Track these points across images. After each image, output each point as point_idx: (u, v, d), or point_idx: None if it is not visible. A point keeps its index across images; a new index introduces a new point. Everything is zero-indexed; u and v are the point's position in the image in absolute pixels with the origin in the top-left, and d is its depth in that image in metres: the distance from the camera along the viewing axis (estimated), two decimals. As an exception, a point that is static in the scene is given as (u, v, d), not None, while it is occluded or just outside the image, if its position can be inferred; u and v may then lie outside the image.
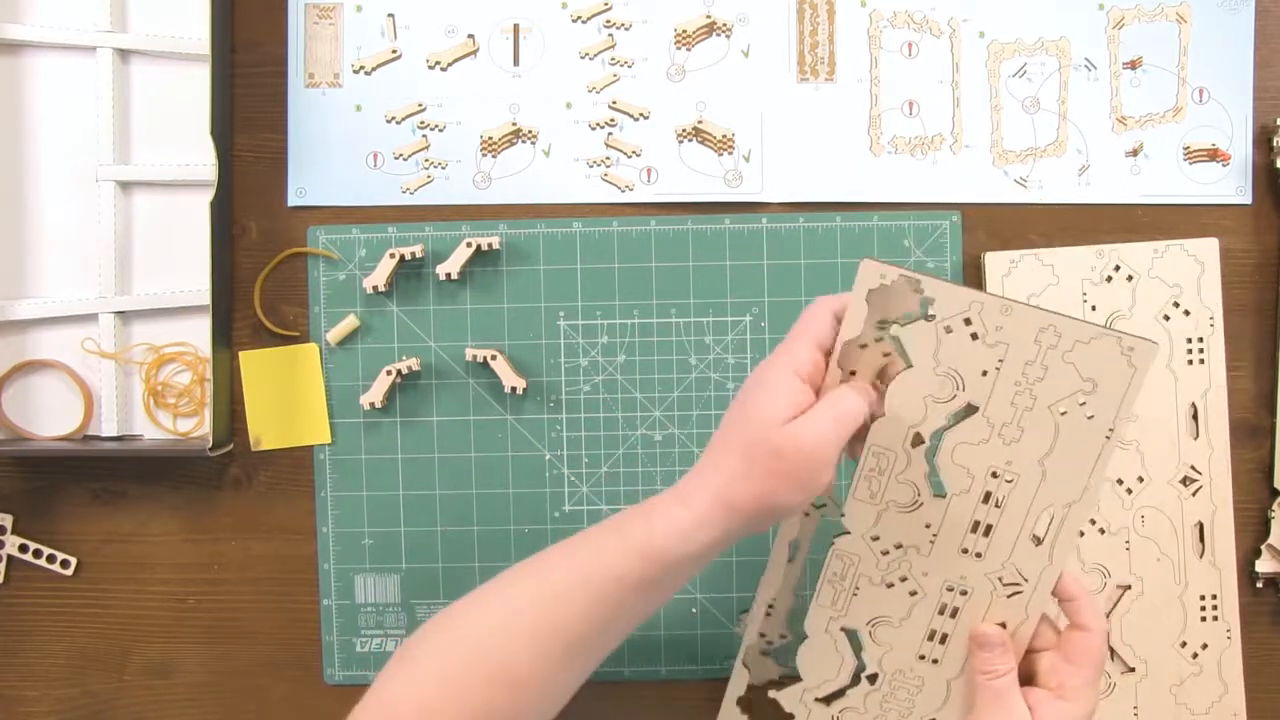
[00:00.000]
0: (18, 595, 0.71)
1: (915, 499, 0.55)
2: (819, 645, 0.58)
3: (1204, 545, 0.68)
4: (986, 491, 0.54)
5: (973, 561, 0.55)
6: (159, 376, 0.70)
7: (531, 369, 0.70)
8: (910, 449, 0.54)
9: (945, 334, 0.52)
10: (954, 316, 0.52)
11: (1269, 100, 0.70)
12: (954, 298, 0.52)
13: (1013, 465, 0.53)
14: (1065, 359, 0.51)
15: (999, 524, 0.54)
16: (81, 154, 0.69)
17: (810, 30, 0.69)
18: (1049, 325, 0.51)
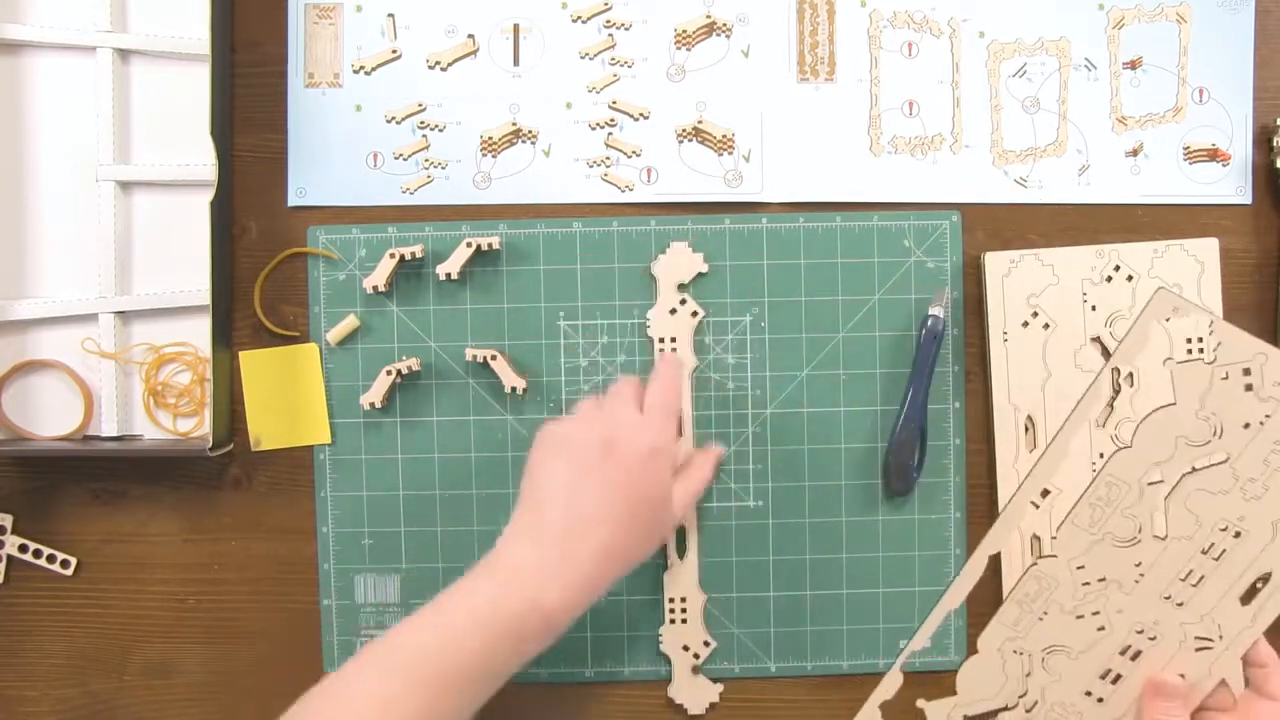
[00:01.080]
0: (18, 595, 0.71)
1: (1135, 536, 0.53)
2: (987, 663, 0.57)
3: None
4: (1210, 542, 0.53)
5: (1172, 609, 0.53)
6: (159, 376, 0.70)
7: (531, 369, 0.70)
8: (1146, 485, 0.53)
9: (1220, 380, 0.51)
10: (1234, 364, 0.51)
11: (1269, 100, 0.70)
12: (1241, 345, 0.51)
13: (1244, 520, 0.52)
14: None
15: (1211, 576, 0.53)
16: (81, 154, 0.69)
17: (810, 30, 0.69)
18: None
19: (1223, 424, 0.52)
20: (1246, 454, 0.52)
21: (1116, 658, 0.55)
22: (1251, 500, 0.52)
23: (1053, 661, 0.56)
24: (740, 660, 0.70)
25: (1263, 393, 0.51)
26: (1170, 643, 0.54)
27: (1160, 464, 0.52)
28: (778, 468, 0.70)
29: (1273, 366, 0.51)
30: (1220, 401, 0.51)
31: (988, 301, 0.68)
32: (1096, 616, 0.55)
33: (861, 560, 0.69)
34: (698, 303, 0.69)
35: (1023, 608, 0.56)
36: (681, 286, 0.69)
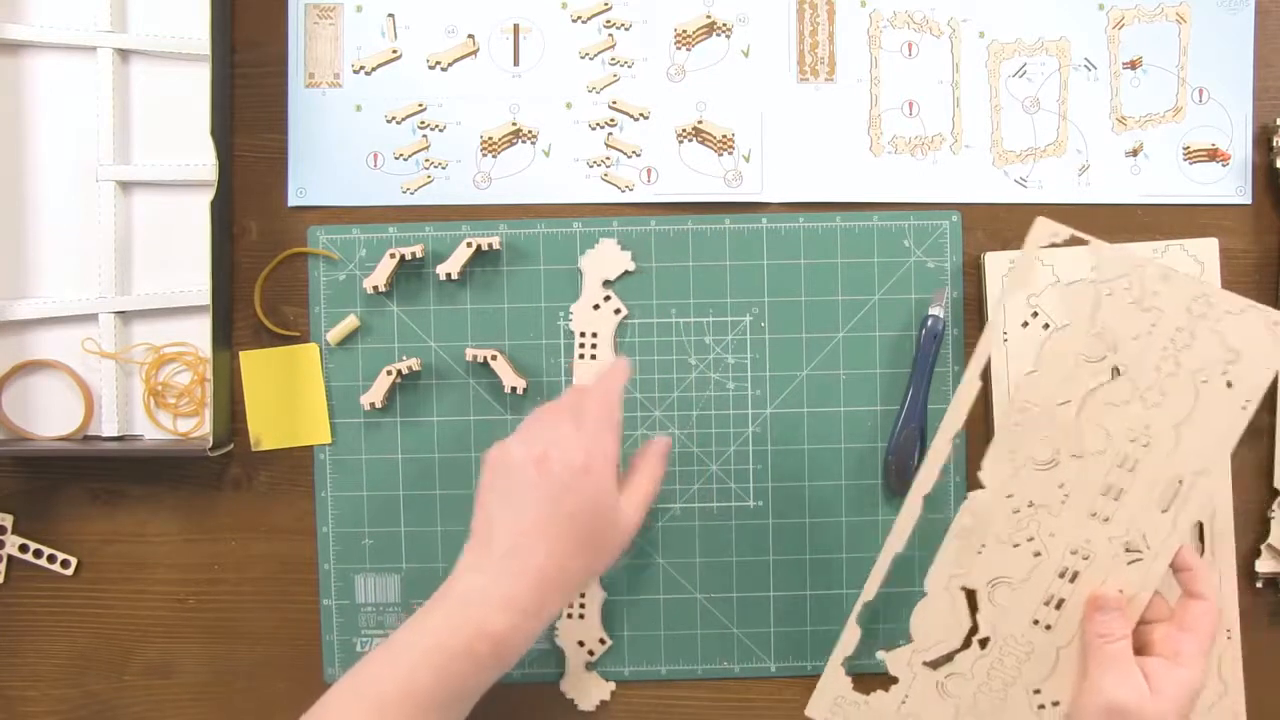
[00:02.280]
0: (18, 595, 0.71)
1: (1053, 458, 0.56)
2: (937, 603, 0.59)
3: (1204, 545, 0.68)
4: (1123, 454, 0.55)
5: (1100, 525, 0.56)
6: (159, 376, 0.70)
7: (531, 369, 0.70)
8: (1056, 407, 0.56)
9: (1105, 296, 0.54)
10: (1115, 280, 0.54)
11: (1269, 100, 0.70)
12: (1119, 261, 0.54)
13: (1150, 429, 0.55)
14: (1213, 329, 0.53)
15: (1130, 488, 0.56)
16: (81, 154, 0.69)
17: (810, 30, 0.69)
18: (1202, 295, 0.54)
19: (1115, 338, 0.55)
20: (1140, 363, 0.55)
21: (1056, 581, 0.57)
22: (1153, 408, 0.55)
23: (998, 594, 0.58)
24: (740, 660, 0.70)
25: (1144, 303, 0.54)
26: (1103, 559, 0.56)
27: (1064, 383, 0.55)
28: (778, 468, 0.70)
29: (1150, 277, 0.54)
30: (1108, 317, 0.55)
31: (988, 301, 0.68)
32: (1031, 543, 0.57)
33: (861, 560, 0.69)
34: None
35: (962, 542, 0.58)
36: (607, 283, 0.69)
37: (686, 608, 0.70)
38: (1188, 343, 0.54)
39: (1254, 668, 0.69)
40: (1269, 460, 0.69)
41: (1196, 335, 0.54)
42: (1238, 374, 0.54)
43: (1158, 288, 0.54)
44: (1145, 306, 0.54)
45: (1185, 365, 0.54)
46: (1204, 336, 0.54)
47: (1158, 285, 0.54)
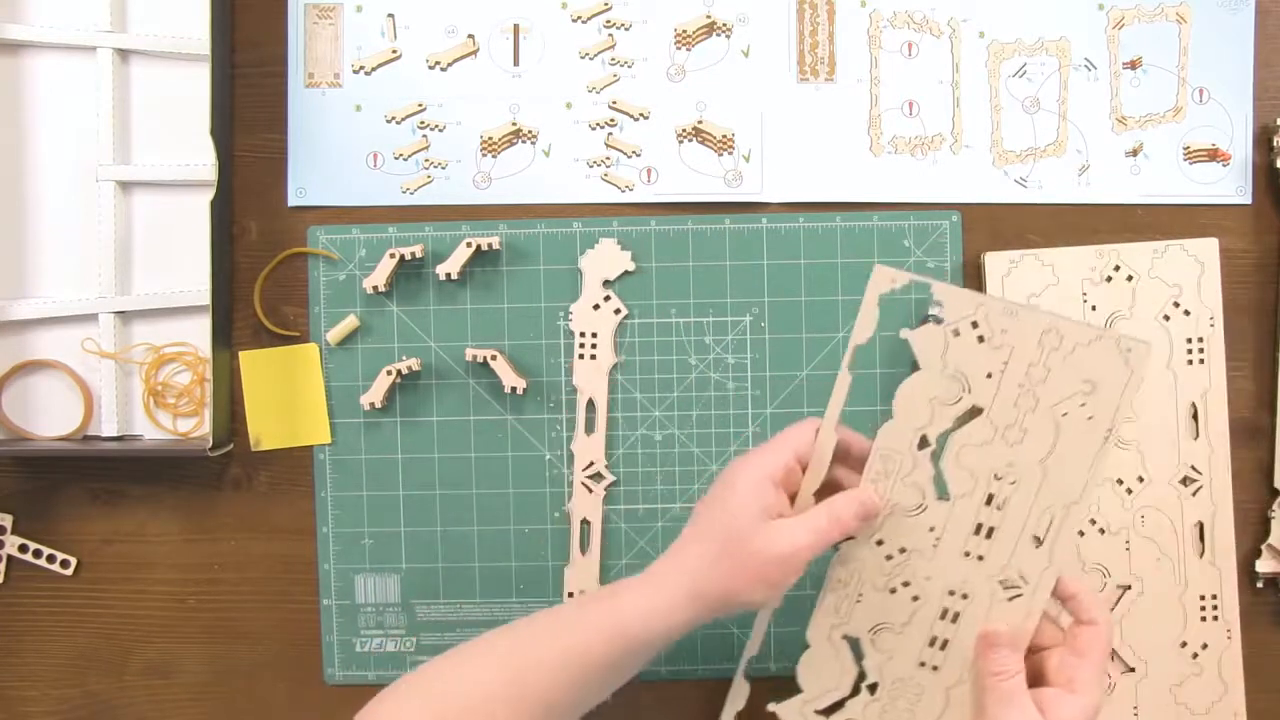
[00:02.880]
0: (18, 595, 0.71)
1: (920, 502, 0.55)
2: (820, 654, 0.58)
3: (1204, 545, 0.68)
4: (989, 494, 0.55)
5: (975, 565, 0.55)
6: (159, 376, 0.70)
7: (531, 369, 0.70)
8: (916, 452, 0.55)
9: (953, 337, 0.53)
10: (961, 320, 0.53)
11: (1269, 100, 0.70)
12: (961, 301, 0.53)
13: (1014, 467, 0.54)
14: (1066, 361, 0.52)
15: (1001, 526, 0.55)
16: (81, 154, 0.69)
17: (810, 30, 0.69)
18: (1052, 328, 0.52)
19: (968, 378, 0.54)
20: (997, 402, 0.54)
21: (938, 623, 0.56)
22: (1014, 446, 0.54)
23: (881, 640, 0.57)
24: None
25: (994, 341, 0.53)
26: (983, 598, 0.56)
27: (921, 429, 0.54)
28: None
29: (996, 315, 0.53)
30: (959, 358, 0.54)
31: (988, 301, 0.68)
32: (908, 587, 0.56)
33: (861, 560, 0.69)
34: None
35: (838, 593, 0.58)
36: (607, 283, 0.69)
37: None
38: (1043, 377, 0.53)
39: (1254, 668, 0.69)
40: (1269, 460, 0.69)
41: (1051, 369, 0.53)
42: (1096, 404, 0.53)
43: (1005, 324, 0.53)
44: (995, 344, 0.53)
45: (1044, 400, 0.53)
46: (1059, 369, 0.53)
47: (1005, 322, 0.53)
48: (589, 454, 0.70)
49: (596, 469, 0.70)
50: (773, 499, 0.54)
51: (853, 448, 0.57)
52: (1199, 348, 0.68)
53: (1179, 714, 0.69)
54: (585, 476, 0.70)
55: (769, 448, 0.55)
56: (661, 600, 0.53)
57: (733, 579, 0.53)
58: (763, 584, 0.53)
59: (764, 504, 0.53)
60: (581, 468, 0.70)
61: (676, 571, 0.54)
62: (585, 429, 0.69)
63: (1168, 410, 0.68)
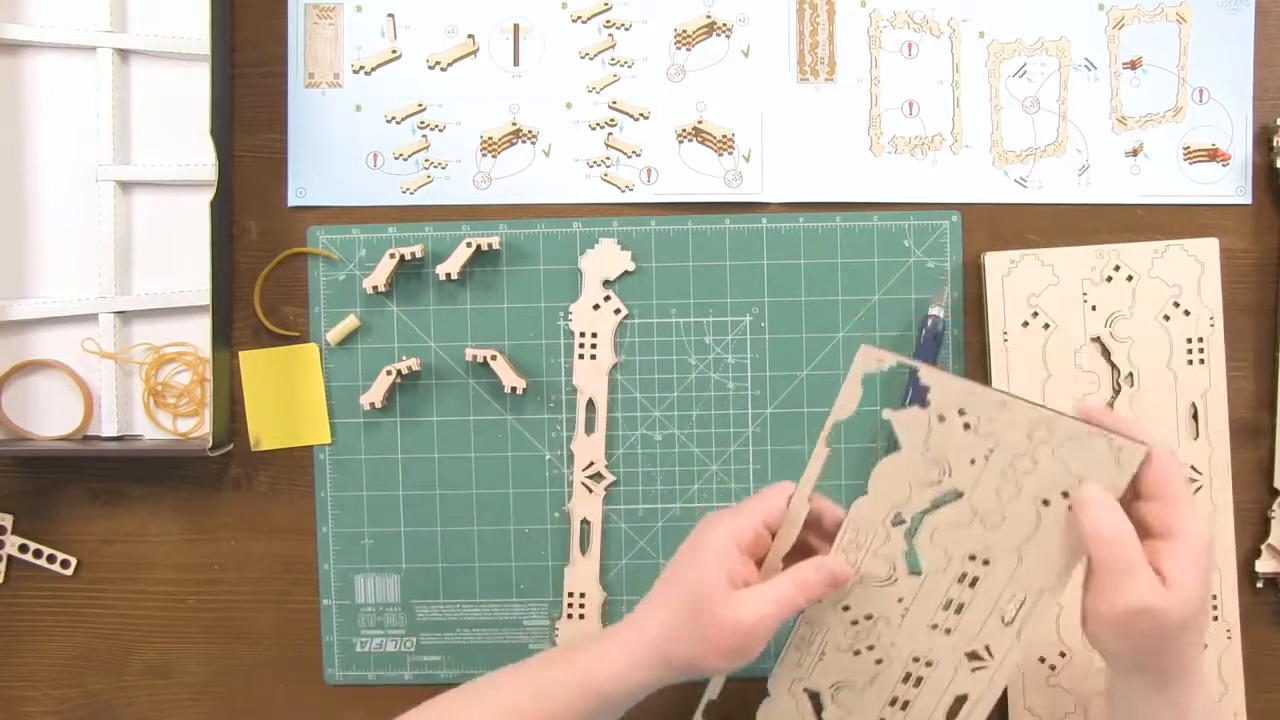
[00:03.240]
0: (18, 595, 0.71)
1: (891, 574, 0.55)
2: (780, 704, 0.59)
3: (1204, 545, 0.68)
4: (963, 572, 0.54)
5: (942, 636, 0.55)
6: (159, 376, 0.70)
7: (531, 369, 0.70)
8: (890, 527, 0.54)
9: (938, 422, 0.52)
10: (948, 406, 0.52)
11: (1269, 100, 0.70)
12: (950, 388, 0.52)
13: (990, 549, 0.53)
14: (1055, 454, 0.51)
15: (971, 603, 0.54)
16: (81, 154, 0.69)
17: (810, 30, 0.69)
18: (1043, 422, 0.51)
19: (950, 463, 0.53)
20: (978, 488, 0.53)
21: (900, 685, 0.56)
22: (992, 530, 0.53)
23: (841, 696, 0.58)
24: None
25: (980, 429, 0.52)
26: (947, 667, 0.55)
27: (898, 506, 0.54)
28: (778, 468, 0.70)
29: (985, 405, 0.51)
30: (943, 442, 0.52)
31: (988, 301, 0.68)
32: (872, 651, 0.56)
33: (861, 560, 0.69)
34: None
35: (801, 651, 0.58)
36: (607, 283, 0.69)
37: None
38: (1029, 469, 0.52)
39: (1254, 668, 0.69)
40: (1269, 460, 0.69)
41: (1039, 461, 0.51)
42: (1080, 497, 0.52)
43: (994, 414, 0.51)
44: (982, 433, 0.52)
45: (1026, 490, 0.52)
46: (1046, 461, 0.51)
47: (994, 413, 0.51)
48: (589, 454, 0.70)
49: (596, 469, 0.70)
50: (740, 567, 0.53)
51: (824, 516, 0.56)
52: (1199, 348, 0.68)
53: (1179, 714, 0.68)
54: (585, 476, 0.70)
55: (739, 513, 0.55)
56: (632, 662, 0.53)
57: (699, 646, 0.53)
58: (729, 653, 0.52)
59: (731, 572, 0.53)
60: (581, 468, 0.70)
61: (647, 634, 0.54)
62: (585, 429, 0.69)
63: (1167, 410, 0.68)
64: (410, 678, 0.71)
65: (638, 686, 0.54)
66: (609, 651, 0.54)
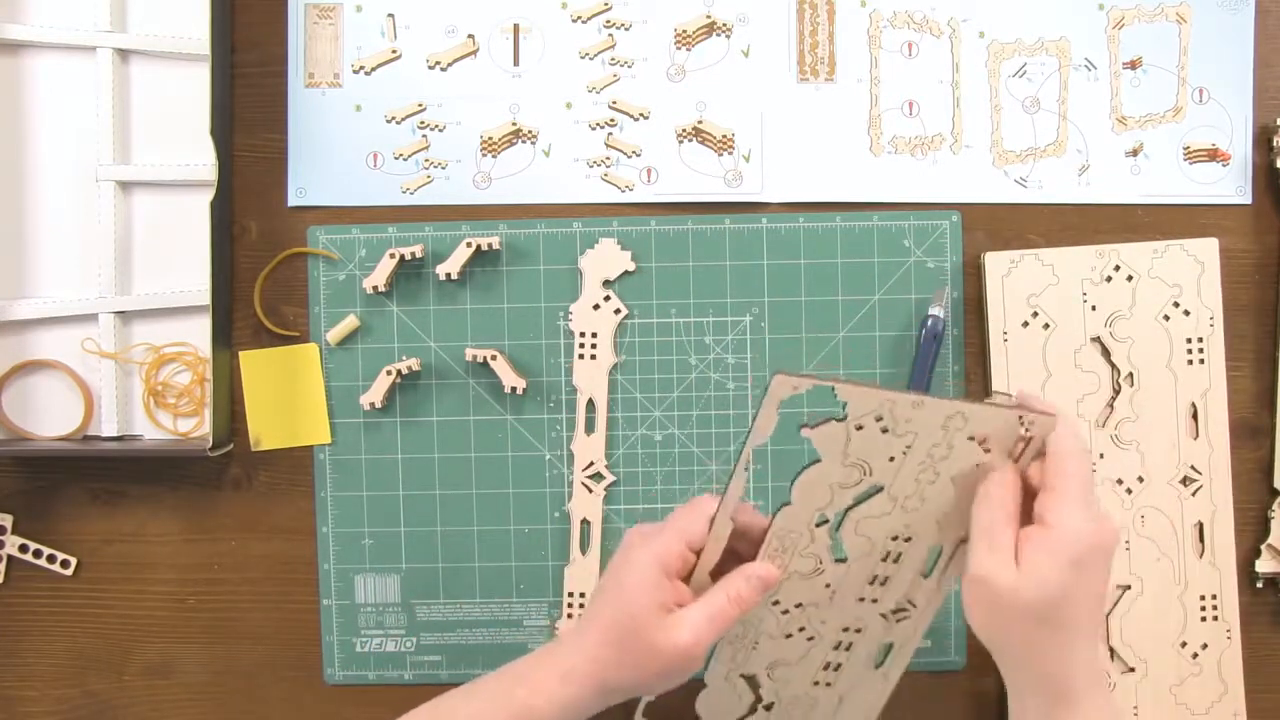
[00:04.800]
0: (18, 595, 0.71)
1: (817, 567, 0.56)
2: (718, 692, 0.60)
3: (1204, 545, 0.68)
4: (886, 551, 0.56)
5: (869, 606, 0.57)
6: (159, 376, 0.70)
7: (531, 369, 0.70)
8: (814, 529, 0.55)
9: (855, 431, 0.53)
10: (865, 415, 0.52)
11: (1269, 100, 0.70)
12: (866, 399, 0.52)
13: (911, 527, 0.55)
14: (970, 438, 0.53)
15: (895, 575, 0.56)
16: (81, 154, 0.69)
17: (810, 30, 0.69)
18: (957, 412, 0.52)
19: (870, 464, 0.53)
20: (898, 481, 0.54)
21: (832, 652, 0.59)
22: (912, 511, 0.55)
23: (777, 673, 0.59)
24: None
25: (898, 430, 0.52)
26: (875, 629, 0.58)
27: (821, 509, 0.55)
28: (777, 468, 0.70)
29: (901, 408, 0.52)
30: (861, 448, 0.53)
31: (988, 301, 0.68)
32: (804, 632, 0.58)
33: (861, 560, 0.70)
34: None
35: (735, 646, 0.59)
36: (607, 283, 0.69)
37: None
38: (945, 454, 0.53)
39: (1254, 668, 0.69)
40: (1269, 460, 0.69)
41: (954, 446, 0.53)
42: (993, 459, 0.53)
43: (910, 415, 0.52)
44: (899, 433, 0.52)
45: (944, 473, 0.53)
46: (960, 445, 0.53)
47: (910, 413, 0.52)
48: (589, 454, 0.70)
49: (596, 469, 0.70)
50: (668, 592, 0.53)
51: (750, 529, 0.56)
52: (1199, 348, 0.68)
53: (1179, 714, 0.69)
54: (585, 476, 0.70)
55: (661, 535, 0.54)
56: (572, 695, 0.53)
57: (639, 673, 0.53)
58: (668, 676, 0.53)
59: (660, 599, 0.52)
60: (581, 468, 0.70)
61: (583, 666, 0.53)
62: (585, 429, 0.69)
63: (1167, 410, 0.68)
64: (410, 678, 0.71)
65: (578, 715, 0.54)
66: (548, 684, 0.53)
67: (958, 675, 0.70)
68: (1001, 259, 0.68)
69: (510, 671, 0.55)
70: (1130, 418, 0.68)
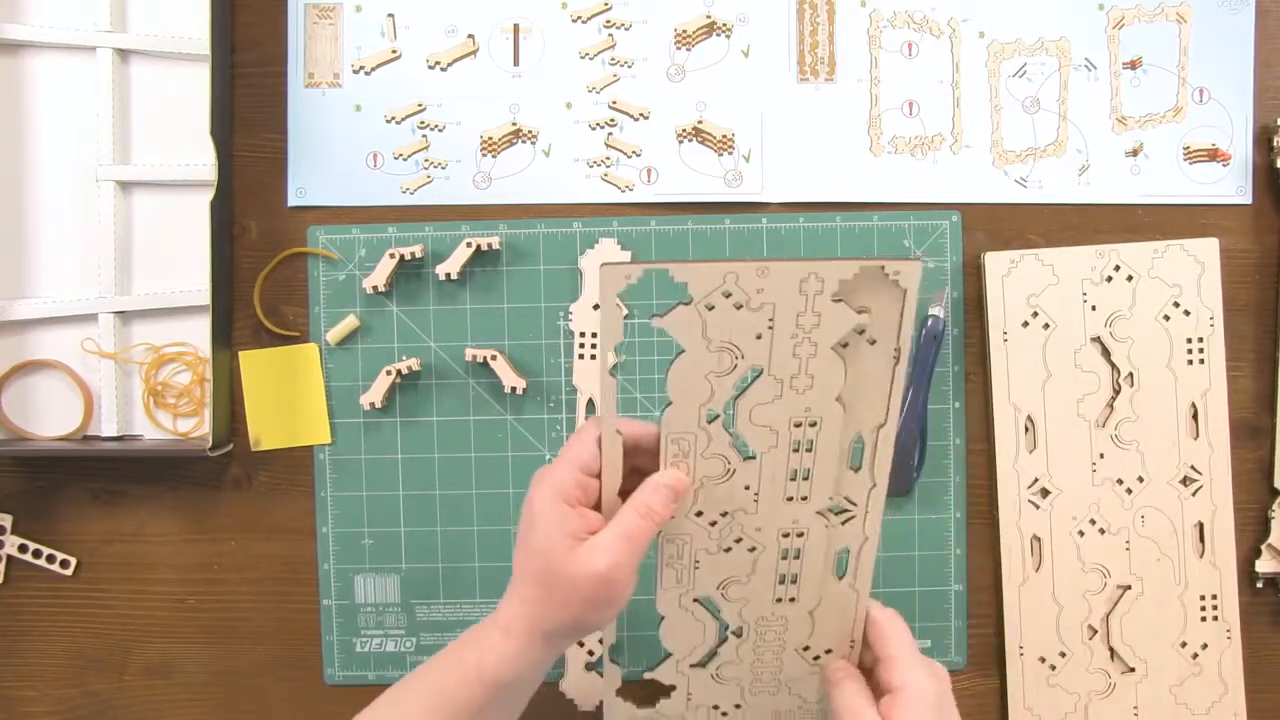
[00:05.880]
0: (18, 595, 0.71)
1: (727, 468, 0.54)
2: (677, 620, 0.58)
3: (1204, 545, 0.68)
4: (794, 440, 0.53)
5: (800, 505, 0.54)
6: (159, 376, 0.70)
7: (531, 369, 0.70)
8: (707, 425, 0.53)
9: (708, 312, 0.50)
10: (712, 293, 0.50)
11: (1269, 100, 0.70)
12: (706, 276, 0.50)
13: (812, 410, 0.52)
14: (834, 300, 0.50)
15: (815, 465, 0.54)
16: (81, 154, 0.69)
17: (810, 30, 0.69)
18: (810, 273, 0.50)
19: (737, 346, 0.51)
20: (774, 358, 0.51)
21: (781, 563, 0.56)
22: (805, 392, 0.52)
23: (731, 591, 0.57)
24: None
25: (752, 304, 0.50)
26: (818, 530, 0.55)
27: (705, 404, 0.52)
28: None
29: (747, 278, 0.49)
30: (721, 329, 0.51)
31: (988, 301, 0.68)
32: (741, 543, 0.55)
33: (861, 560, 0.69)
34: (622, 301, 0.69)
35: (674, 568, 0.56)
36: None
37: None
38: (815, 322, 0.50)
39: (1254, 668, 0.69)
40: (1269, 460, 0.69)
41: (821, 313, 0.50)
42: (875, 329, 0.51)
43: (760, 284, 0.50)
44: (754, 307, 0.50)
45: (822, 343, 0.51)
46: (829, 311, 0.50)
47: (759, 282, 0.50)
48: (589, 454, 0.69)
49: (596, 469, 0.70)
50: (575, 522, 0.52)
51: (642, 440, 0.54)
52: (1199, 348, 0.68)
53: (1179, 714, 0.69)
54: (585, 476, 0.70)
55: (555, 467, 0.53)
56: (517, 647, 0.53)
57: (569, 610, 0.52)
58: (600, 605, 0.52)
59: (567, 529, 0.51)
60: (581, 468, 0.70)
61: (519, 617, 0.53)
62: (585, 429, 0.69)
63: (1167, 410, 0.68)
64: (410, 678, 0.71)
65: (529, 667, 0.53)
66: (493, 642, 0.53)
67: (958, 675, 0.70)
68: (1001, 259, 0.68)
69: (462, 638, 0.55)
70: (1130, 418, 0.68)
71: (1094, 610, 0.69)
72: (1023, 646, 0.69)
